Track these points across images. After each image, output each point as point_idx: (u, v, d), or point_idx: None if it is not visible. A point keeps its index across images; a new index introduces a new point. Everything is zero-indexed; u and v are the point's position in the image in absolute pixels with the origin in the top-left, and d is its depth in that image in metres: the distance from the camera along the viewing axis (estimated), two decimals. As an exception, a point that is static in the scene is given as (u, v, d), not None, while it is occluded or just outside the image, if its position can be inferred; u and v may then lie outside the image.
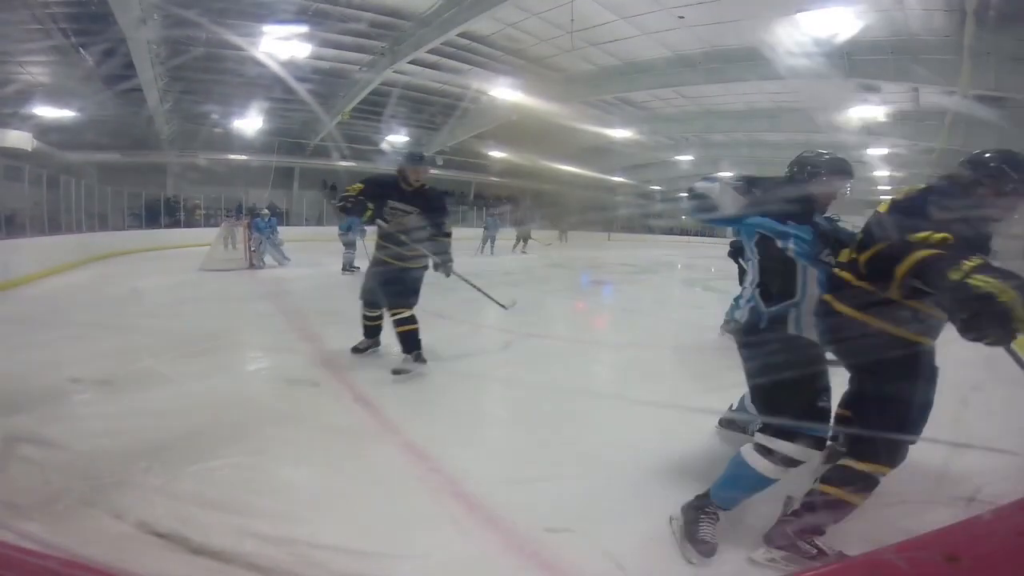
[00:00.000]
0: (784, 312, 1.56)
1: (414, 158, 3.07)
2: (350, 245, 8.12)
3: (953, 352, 1.49)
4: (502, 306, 3.84)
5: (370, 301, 3.20)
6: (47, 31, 9.90)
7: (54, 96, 11.93)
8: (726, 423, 2.34)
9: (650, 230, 30.34)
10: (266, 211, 9.57)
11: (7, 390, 2.44)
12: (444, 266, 3.12)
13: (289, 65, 11.70)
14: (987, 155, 1.47)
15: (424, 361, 3.03)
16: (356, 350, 3.32)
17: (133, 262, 9.70)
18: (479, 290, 3.69)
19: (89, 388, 2.59)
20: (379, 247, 3.12)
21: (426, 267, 3.14)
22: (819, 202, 1.79)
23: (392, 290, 3.01)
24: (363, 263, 8.03)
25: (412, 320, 3.00)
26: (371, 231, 7.94)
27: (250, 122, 15.93)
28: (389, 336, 3.16)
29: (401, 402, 2.55)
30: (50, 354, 3.15)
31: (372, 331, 3.33)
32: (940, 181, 1.54)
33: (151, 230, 13.93)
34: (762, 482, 1.47)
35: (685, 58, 12.25)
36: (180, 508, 1.52)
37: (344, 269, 8.02)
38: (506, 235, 14.25)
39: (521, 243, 14.59)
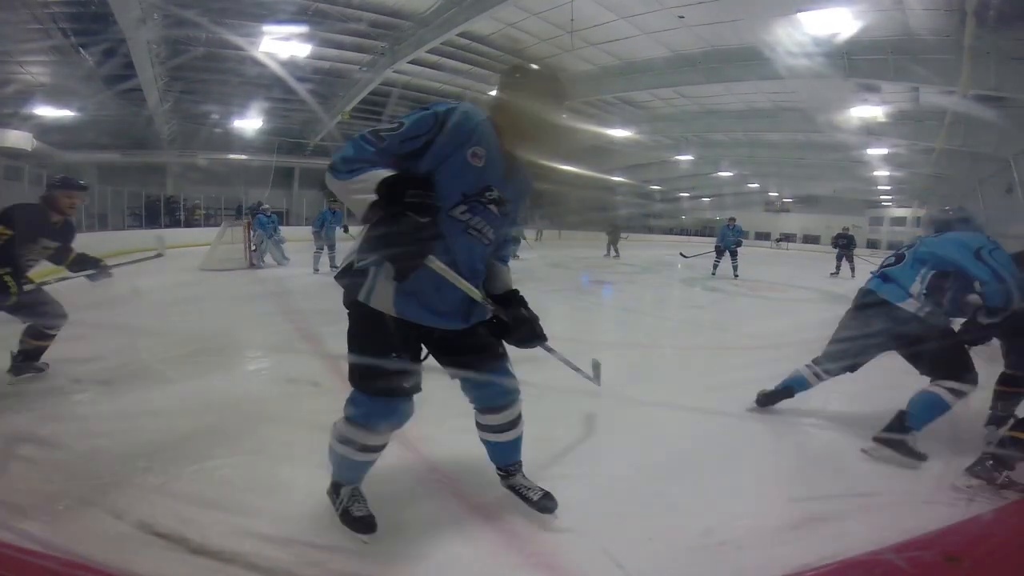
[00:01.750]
0: None
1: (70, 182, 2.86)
2: (331, 246, 8.03)
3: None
4: None
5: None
6: (47, 31, 9.90)
7: (54, 96, 11.93)
8: None
9: (649, 230, 30.37)
10: (267, 206, 9.49)
11: (7, 390, 2.44)
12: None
13: (289, 65, 11.70)
14: None
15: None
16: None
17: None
18: None
19: (89, 388, 2.59)
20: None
21: None
22: None
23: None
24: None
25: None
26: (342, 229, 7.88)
27: (250, 122, 15.93)
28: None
29: (401, 402, 2.54)
30: (50, 354, 3.15)
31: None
32: None
33: (151, 230, 13.93)
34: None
35: (685, 58, 12.26)
36: (180, 508, 1.51)
37: (332, 265, 7.92)
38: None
39: (612, 248, 14.20)
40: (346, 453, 1.41)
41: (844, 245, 10.82)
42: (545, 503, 1.55)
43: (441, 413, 2.46)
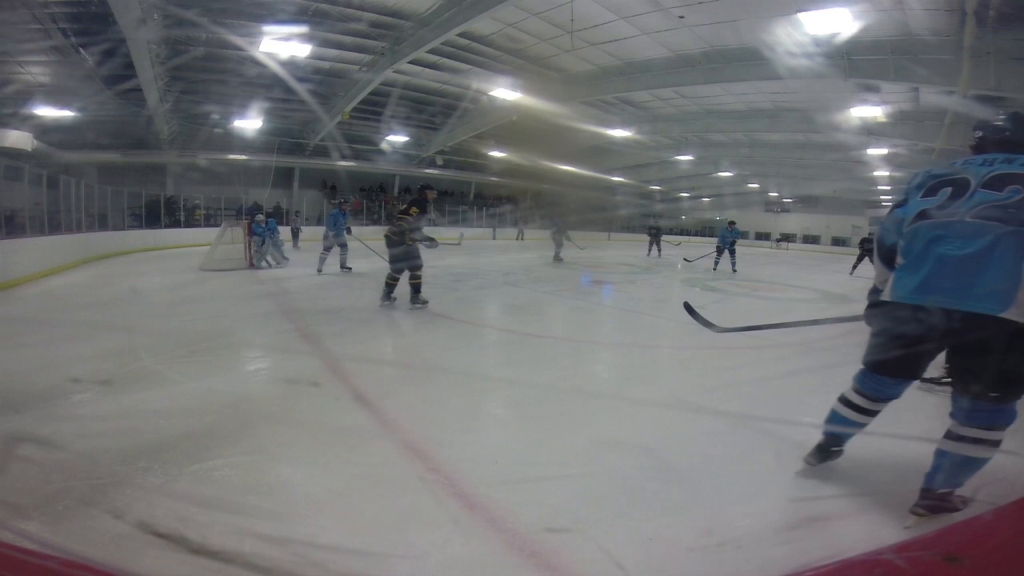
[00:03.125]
0: None
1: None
2: (343, 245, 8.09)
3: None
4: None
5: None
6: (47, 31, 9.89)
7: (54, 96, 11.92)
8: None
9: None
10: (261, 216, 9.59)
11: (7, 390, 2.44)
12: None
13: (289, 65, 11.69)
14: None
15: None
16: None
17: (133, 262, 9.70)
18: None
19: (89, 388, 2.59)
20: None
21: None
22: None
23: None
24: (355, 262, 8.10)
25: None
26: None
27: (250, 122, 15.92)
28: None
29: (401, 402, 2.55)
30: (50, 354, 3.15)
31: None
32: None
33: (151, 230, 13.93)
34: None
35: (685, 58, 12.25)
36: (180, 508, 1.52)
37: (343, 266, 8.00)
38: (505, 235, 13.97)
39: (655, 247, 15.46)
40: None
41: (869, 250, 11.35)
42: None
43: (442, 413, 2.46)
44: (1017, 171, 1.42)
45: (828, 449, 1.83)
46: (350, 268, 7.99)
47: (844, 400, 1.75)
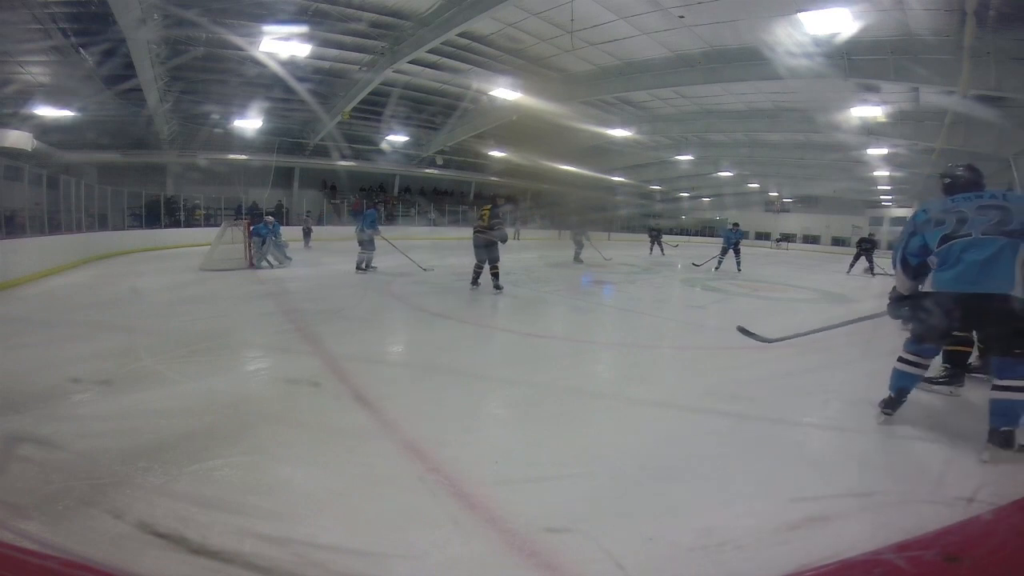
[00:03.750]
0: None
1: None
2: (368, 243, 7.98)
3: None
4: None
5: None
6: (47, 31, 9.89)
7: (54, 96, 11.91)
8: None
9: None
10: (269, 217, 9.62)
11: (7, 390, 2.44)
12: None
13: (289, 65, 11.69)
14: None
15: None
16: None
17: (133, 262, 9.70)
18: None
19: (89, 388, 2.59)
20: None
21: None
22: None
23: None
24: (380, 261, 8.13)
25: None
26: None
27: (250, 122, 15.91)
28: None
29: (401, 402, 2.55)
30: (50, 354, 3.15)
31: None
32: None
33: (151, 230, 13.93)
34: None
35: (685, 58, 12.25)
36: (180, 508, 1.52)
37: (358, 267, 7.90)
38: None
39: (656, 246, 15.99)
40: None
41: (868, 249, 11.98)
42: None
43: (442, 413, 2.46)
44: (989, 203, 2.11)
45: (900, 400, 2.36)
46: (375, 267, 8.01)
47: (905, 361, 2.32)
